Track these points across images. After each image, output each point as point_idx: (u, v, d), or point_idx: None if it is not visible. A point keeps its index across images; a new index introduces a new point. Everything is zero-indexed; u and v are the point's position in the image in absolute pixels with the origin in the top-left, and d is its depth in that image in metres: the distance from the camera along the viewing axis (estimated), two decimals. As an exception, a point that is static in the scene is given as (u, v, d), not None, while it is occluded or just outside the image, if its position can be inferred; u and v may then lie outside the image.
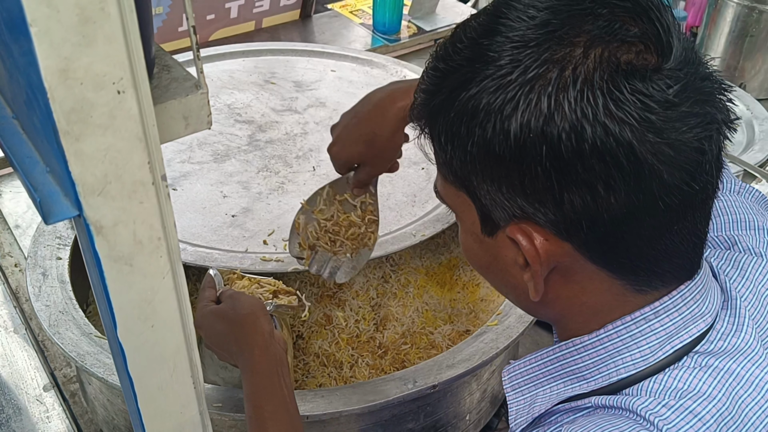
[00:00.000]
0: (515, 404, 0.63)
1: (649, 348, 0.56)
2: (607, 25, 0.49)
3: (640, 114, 0.48)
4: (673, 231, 0.52)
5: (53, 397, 1.09)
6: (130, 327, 0.46)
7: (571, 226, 0.52)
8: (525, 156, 0.50)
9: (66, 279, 1.02)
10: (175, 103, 0.44)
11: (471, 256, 0.61)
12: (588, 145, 0.48)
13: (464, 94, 0.52)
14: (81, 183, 0.39)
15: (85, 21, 0.35)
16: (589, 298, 0.56)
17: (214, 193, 1.14)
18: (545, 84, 0.49)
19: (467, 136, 0.52)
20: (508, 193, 0.52)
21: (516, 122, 0.49)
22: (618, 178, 0.49)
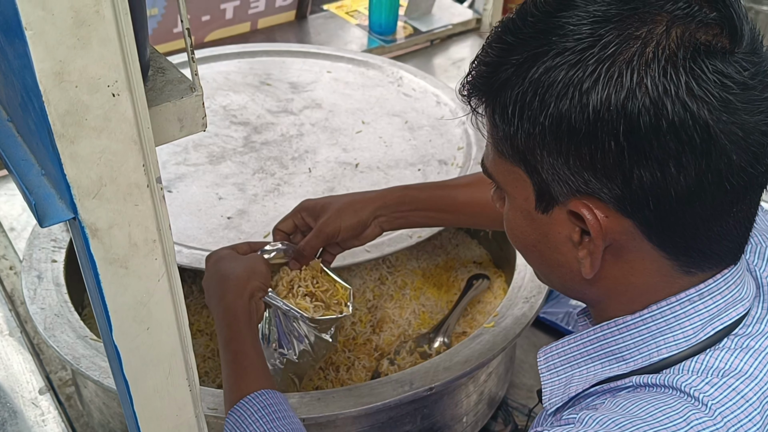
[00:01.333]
0: (550, 384, 0.64)
1: (692, 328, 0.57)
2: (687, 6, 0.51)
3: (719, 93, 0.49)
4: (731, 213, 0.54)
5: (49, 400, 1.08)
6: (126, 329, 0.46)
7: (636, 202, 0.52)
8: (600, 130, 0.51)
9: (61, 282, 1.02)
10: (169, 106, 0.44)
11: (517, 234, 0.62)
12: (666, 122, 0.49)
13: (538, 66, 0.52)
14: (76, 185, 0.39)
15: (80, 24, 0.35)
16: (638, 279, 0.57)
17: (209, 195, 1.13)
18: (627, 59, 0.50)
19: (540, 108, 0.53)
20: (575, 167, 0.53)
21: (596, 96, 0.50)
22: (690, 156, 0.50)
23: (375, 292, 1.18)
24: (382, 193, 0.96)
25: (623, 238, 0.55)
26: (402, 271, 1.23)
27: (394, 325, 1.14)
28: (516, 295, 1.01)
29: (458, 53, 1.97)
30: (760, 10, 1.66)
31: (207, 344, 1.10)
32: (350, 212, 0.94)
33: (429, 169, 1.23)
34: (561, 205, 0.56)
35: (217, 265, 0.89)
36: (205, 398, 0.86)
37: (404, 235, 1.07)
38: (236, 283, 0.86)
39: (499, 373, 1.06)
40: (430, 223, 0.99)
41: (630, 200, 0.52)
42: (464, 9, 2.10)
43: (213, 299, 0.87)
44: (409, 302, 1.17)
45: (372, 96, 1.41)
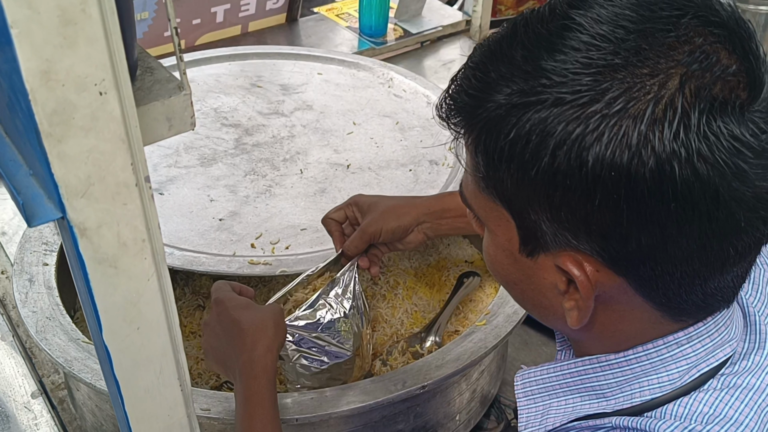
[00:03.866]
0: (526, 411, 0.62)
1: (677, 372, 0.54)
2: (704, 57, 0.46)
3: (733, 161, 0.45)
4: (731, 272, 0.51)
5: (41, 404, 1.08)
6: (116, 329, 0.46)
7: (632, 263, 0.49)
8: (600, 190, 0.46)
9: (53, 285, 1.02)
10: (158, 105, 0.44)
11: (497, 269, 0.58)
12: (671, 187, 0.45)
13: (530, 115, 0.47)
14: (64, 185, 0.39)
15: (66, 23, 0.35)
16: (625, 326, 0.55)
17: (201, 197, 1.13)
18: (635, 117, 0.45)
19: (531, 161, 0.48)
20: (566, 223, 0.49)
21: (596, 154, 0.46)
22: (694, 221, 0.46)
23: (367, 292, 1.18)
24: (429, 201, 0.98)
25: (613, 292, 0.52)
26: (394, 270, 1.23)
27: (386, 324, 1.14)
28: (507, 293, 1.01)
29: (448, 55, 1.98)
30: (746, 9, 1.67)
31: (199, 346, 1.10)
32: (393, 216, 0.96)
33: (420, 170, 1.23)
34: (548, 254, 0.52)
35: (239, 313, 0.83)
36: (198, 399, 0.86)
37: (396, 235, 1.07)
38: (265, 336, 0.80)
39: (491, 370, 1.07)
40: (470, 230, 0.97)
41: (625, 260, 0.49)
42: (454, 11, 2.10)
43: (233, 348, 0.81)
44: (401, 302, 1.17)
45: (363, 97, 1.41)
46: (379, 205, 0.96)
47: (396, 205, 0.97)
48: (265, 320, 0.82)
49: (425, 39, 2.00)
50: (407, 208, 0.96)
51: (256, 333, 0.80)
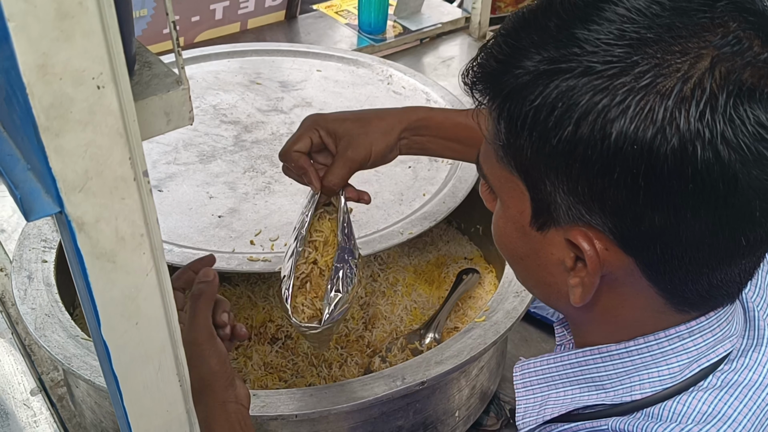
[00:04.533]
0: (524, 402, 0.62)
1: (678, 366, 0.54)
2: (737, 42, 0.45)
3: (756, 147, 0.45)
4: (739, 265, 0.51)
5: (41, 401, 1.08)
6: (114, 325, 0.45)
7: (643, 243, 0.49)
8: (619, 165, 0.46)
9: (52, 282, 1.02)
10: (156, 99, 0.44)
11: (504, 243, 0.58)
12: (692, 168, 0.45)
13: (558, 83, 0.47)
14: (62, 179, 0.39)
15: (63, 16, 0.35)
16: (628, 312, 0.54)
17: (200, 194, 1.13)
18: (663, 94, 0.45)
19: (554, 129, 0.47)
20: (582, 197, 0.48)
21: (620, 128, 0.45)
22: (710, 206, 0.46)
23: (367, 289, 1.18)
24: (405, 113, 0.87)
25: (620, 273, 0.51)
26: (393, 267, 1.23)
27: (386, 321, 1.14)
28: (506, 289, 1.01)
29: (447, 52, 1.97)
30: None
31: (199, 343, 1.10)
32: (379, 135, 0.83)
33: (419, 166, 1.23)
34: (559, 228, 0.52)
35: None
36: (197, 396, 0.86)
37: (395, 232, 1.07)
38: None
39: (490, 367, 1.07)
40: (447, 154, 0.91)
41: (636, 240, 0.49)
42: (453, 8, 2.10)
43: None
44: (400, 299, 1.17)
45: (362, 94, 1.41)
46: (357, 126, 0.82)
47: (375, 119, 0.83)
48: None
49: (424, 36, 2.00)
50: (390, 123, 0.84)
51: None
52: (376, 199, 1.14)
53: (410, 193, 1.16)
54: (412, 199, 1.15)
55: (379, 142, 0.83)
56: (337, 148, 0.83)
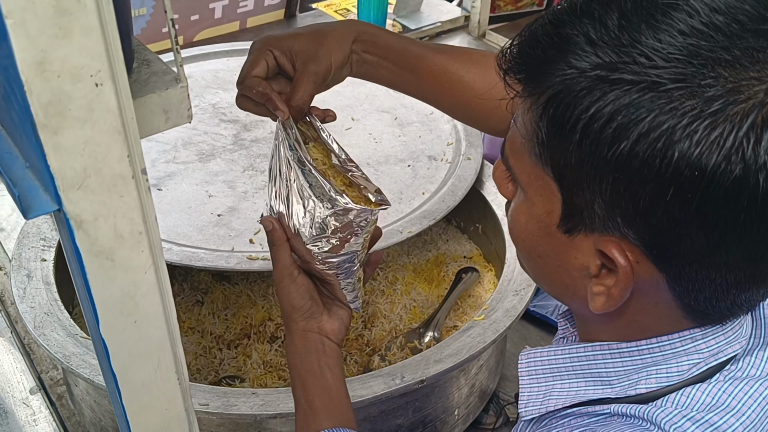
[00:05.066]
0: (528, 390, 0.61)
1: (688, 364, 0.54)
2: None
3: None
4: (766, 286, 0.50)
5: (40, 400, 1.08)
6: (113, 322, 0.45)
7: (679, 262, 0.48)
8: (674, 187, 0.44)
9: (51, 280, 1.02)
10: (154, 97, 0.44)
11: (524, 238, 0.56)
12: (748, 199, 0.43)
13: (619, 93, 0.44)
14: (60, 177, 0.39)
15: (62, 13, 0.35)
16: (644, 319, 0.54)
17: (199, 193, 1.13)
18: (735, 121, 0.43)
19: (609, 142, 0.45)
20: (625, 210, 0.47)
21: (682, 152, 0.43)
22: (756, 235, 0.45)
23: (366, 288, 1.18)
24: (353, 24, 0.80)
25: (646, 285, 0.50)
26: (393, 266, 1.23)
27: (385, 320, 1.14)
28: (506, 288, 1.01)
29: (447, 50, 1.97)
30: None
31: (199, 341, 1.10)
32: (334, 45, 0.77)
33: (419, 165, 1.23)
34: (589, 235, 0.50)
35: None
36: (197, 395, 0.86)
37: (395, 231, 1.07)
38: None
39: (489, 365, 1.07)
40: (393, 82, 0.84)
41: (673, 259, 0.47)
42: (453, 7, 2.10)
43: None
44: (400, 297, 1.17)
45: (361, 93, 1.41)
46: (310, 38, 0.76)
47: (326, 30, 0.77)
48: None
49: (424, 35, 1.99)
50: (340, 31, 0.77)
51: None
52: (376, 198, 1.14)
53: (409, 191, 1.16)
54: (412, 197, 1.15)
55: (337, 53, 0.77)
56: (296, 65, 0.77)
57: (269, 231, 0.74)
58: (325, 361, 0.73)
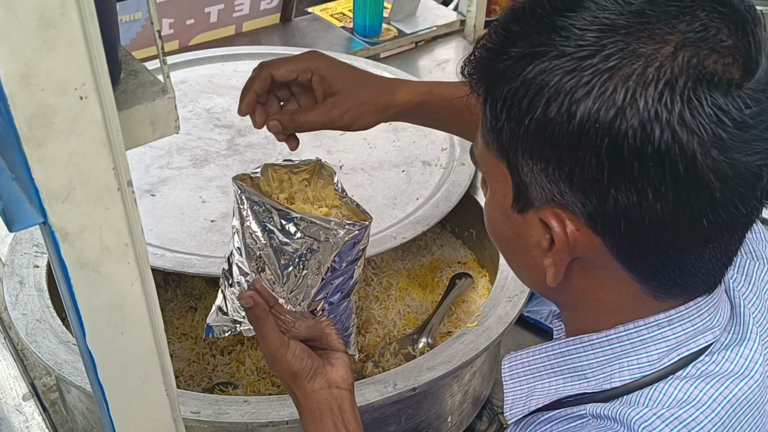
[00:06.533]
0: (512, 393, 0.63)
1: (657, 354, 0.55)
2: (703, 29, 0.47)
3: (713, 129, 0.46)
4: (706, 249, 0.52)
5: (33, 406, 1.08)
6: (100, 334, 0.45)
7: (609, 222, 0.50)
8: (583, 144, 0.48)
9: (43, 287, 1.02)
10: (141, 108, 0.44)
11: (493, 228, 0.60)
12: (651, 148, 0.47)
13: (534, 66, 0.50)
14: (45, 189, 0.39)
15: (46, 26, 0.35)
16: (606, 295, 0.56)
17: (193, 199, 1.13)
18: (625, 76, 0.47)
19: (527, 110, 0.50)
20: (553, 176, 0.51)
21: (584, 108, 0.48)
22: (670, 186, 0.48)
23: (360, 294, 1.18)
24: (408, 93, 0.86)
25: (592, 254, 0.53)
26: (387, 271, 1.23)
27: (379, 326, 1.14)
28: (499, 294, 1.01)
29: (443, 55, 1.97)
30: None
31: (192, 347, 1.10)
32: (371, 110, 0.83)
33: (413, 170, 1.23)
34: (535, 210, 0.54)
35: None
36: (188, 402, 0.86)
37: (389, 237, 1.07)
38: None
39: (483, 372, 1.07)
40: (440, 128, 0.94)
41: (602, 219, 0.51)
42: (448, 11, 2.10)
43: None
44: (394, 303, 1.17)
45: (356, 98, 1.41)
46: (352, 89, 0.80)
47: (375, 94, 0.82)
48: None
49: (419, 39, 1.99)
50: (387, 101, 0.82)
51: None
52: (369, 204, 1.14)
53: (403, 197, 1.16)
54: (406, 203, 1.15)
55: (367, 119, 0.83)
56: (325, 95, 0.82)
57: (251, 307, 0.72)
58: (341, 421, 0.72)
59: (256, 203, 0.69)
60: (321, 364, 0.74)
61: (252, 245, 0.70)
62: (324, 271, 0.69)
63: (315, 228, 0.67)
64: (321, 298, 0.71)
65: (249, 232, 0.71)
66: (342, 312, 0.75)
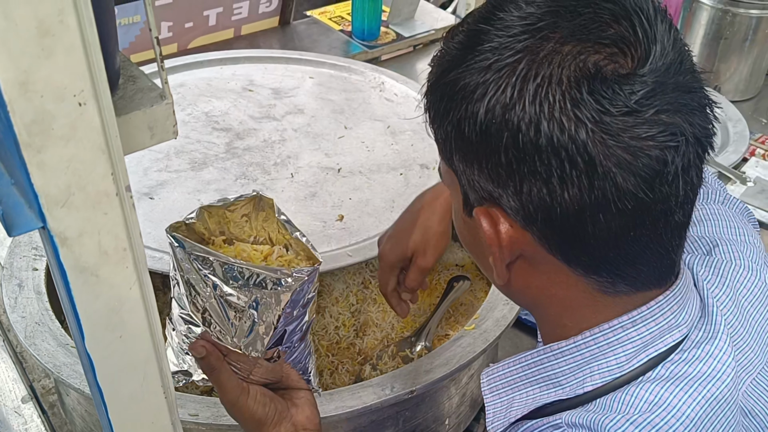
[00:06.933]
0: (492, 407, 0.64)
1: (625, 355, 0.56)
2: (585, 24, 0.50)
3: (594, 116, 0.48)
4: (629, 237, 0.52)
5: (31, 408, 1.08)
6: (98, 338, 0.46)
7: (530, 216, 0.52)
8: (489, 141, 0.51)
9: (42, 290, 1.02)
10: (139, 114, 0.44)
11: (459, 235, 0.63)
12: (545, 139, 0.49)
13: (451, 74, 0.54)
14: (44, 194, 0.39)
15: (44, 33, 0.35)
16: (558, 291, 0.57)
17: (191, 201, 1.13)
18: (512, 73, 0.50)
19: (445, 115, 0.54)
20: (479, 176, 0.54)
21: (483, 107, 0.51)
22: (572, 175, 0.49)
23: (358, 296, 1.18)
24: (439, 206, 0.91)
25: (530, 249, 0.55)
26: (385, 275, 1.23)
27: (377, 329, 1.14)
28: (497, 297, 1.02)
29: (441, 57, 1.98)
30: (737, 12, 1.68)
31: (190, 351, 1.10)
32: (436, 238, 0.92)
33: (411, 174, 1.23)
34: (476, 211, 0.56)
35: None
36: (186, 405, 0.86)
37: (386, 239, 1.08)
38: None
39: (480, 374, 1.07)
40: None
41: (523, 213, 0.53)
42: (447, 14, 2.11)
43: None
44: (392, 306, 1.17)
45: (354, 101, 1.42)
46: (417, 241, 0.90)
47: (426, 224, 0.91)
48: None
49: (418, 42, 2.00)
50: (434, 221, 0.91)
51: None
52: (368, 207, 1.15)
53: (401, 200, 1.16)
54: (404, 206, 1.15)
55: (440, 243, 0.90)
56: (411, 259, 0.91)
57: (203, 357, 0.69)
58: None
59: (196, 257, 0.67)
60: (285, 407, 0.72)
61: (196, 297, 0.69)
62: (275, 320, 0.67)
63: (261, 277, 0.65)
64: (275, 345, 0.69)
65: (191, 285, 0.69)
66: (300, 353, 0.73)
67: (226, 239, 0.75)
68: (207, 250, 0.67)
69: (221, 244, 0.74)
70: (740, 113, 1.60)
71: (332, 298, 1.16)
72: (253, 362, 0.70)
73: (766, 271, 0.67)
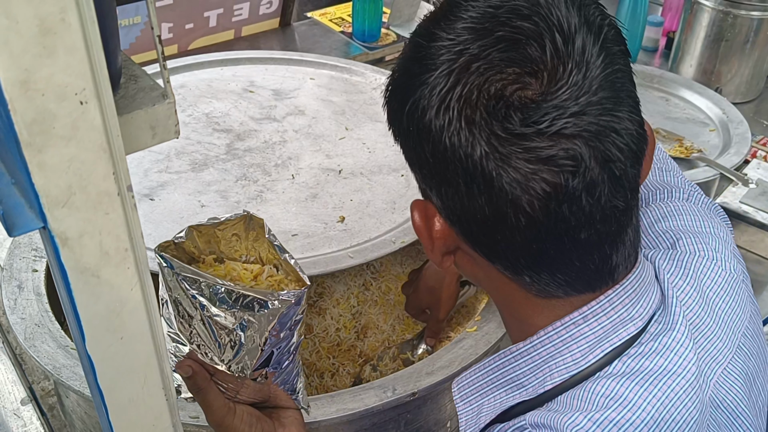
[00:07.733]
0: (465, 415, 0.65)
1: (579, 352, 0.57)
2: (496, 44, 0.50)
3: (487, 137, 0.50)
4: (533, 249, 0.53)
5: (31, 410, 1.08)
6: (99, 339, 0.45)
7: (450, 216, 0.56)
8: (417, 143, 0.55)
9: (42, 291, 1.01)
10: (141, 113, 0.44)
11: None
12: (450, 151, 0.52)
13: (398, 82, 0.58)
14: (45, 194, 0.39)
15: (46, 32, 0.35)
16: (500, 286, 0.59)
17: (191, 203, 1.13)
18: (427, 85, 0.53)
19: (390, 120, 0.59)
20: (419, 176, 0.58)
21: (405, 112, 0.55)
22: (473, 188, 0.52)
23: (359, 298, 1.18)
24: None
25: (461, 243, 0.58)
26: (386, 276, 1.23)
27: (378, 330, 1.14)
28: (498, 299, 1.01)
29: (442, 59, 1.98)
30: (738, 14, 1.68)
31: (190, 352, 1.10)
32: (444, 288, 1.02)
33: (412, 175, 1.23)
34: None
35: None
36: (187, 407, 0.86)
37: (388, 241, 1.07)
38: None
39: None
40: None
41: (445, 212, 0.56)
42: (448, 15, 2.10)
43: None
44: (393, 308, 1.17)
45: (355, 102, 1.41)
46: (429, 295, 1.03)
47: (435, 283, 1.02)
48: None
49: (418, 44, 2.00)
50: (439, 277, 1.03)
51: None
52: (369, 208, 1.14)
53: (403, 201, 1.16)
54: (405, 207, 1.15)
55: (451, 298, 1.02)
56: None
57: (190, 376, 0.69)
58: None
59: (184, 278, 0.67)
60: (272, 427, 0.71)
61: (184, 317, 0.69)
62: (262, 342, 0.67)
63: (249, 299, 0.65)
64: (262, 366, 0.70)
65: (179, 304, 0.69)
66: (288, 374, 0.73)
67: (216, 258, 0.75)
68: (195, 272, 0.67)
69: (212, 262, 0.74)
70: (742, 115, 1.60)
71: (333, 300, 1.16)
72: (240, 382, 0.70)
73: (732, 261, 0.67)
